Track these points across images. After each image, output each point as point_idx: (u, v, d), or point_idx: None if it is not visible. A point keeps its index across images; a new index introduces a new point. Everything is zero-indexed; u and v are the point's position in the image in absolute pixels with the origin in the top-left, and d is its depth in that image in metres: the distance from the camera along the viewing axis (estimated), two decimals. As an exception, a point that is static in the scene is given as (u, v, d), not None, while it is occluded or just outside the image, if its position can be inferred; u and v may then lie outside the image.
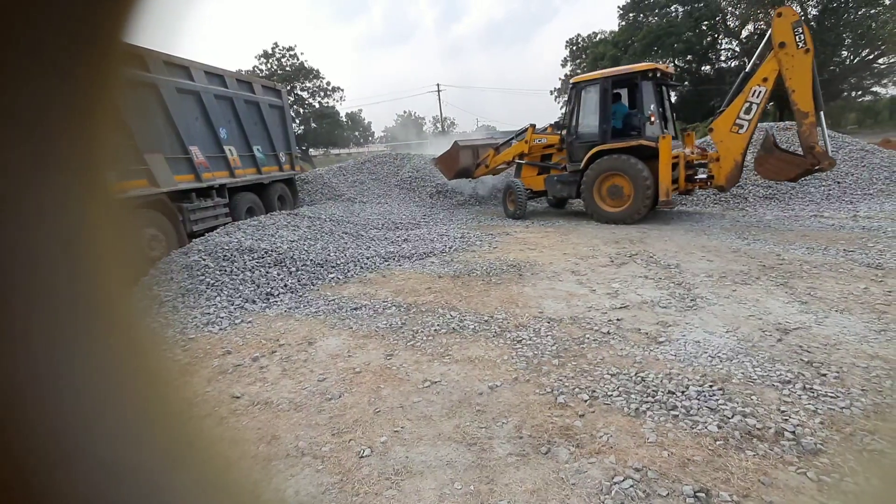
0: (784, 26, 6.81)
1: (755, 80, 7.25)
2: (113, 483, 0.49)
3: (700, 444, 2.33)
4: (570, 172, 9.25)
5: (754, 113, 7.26)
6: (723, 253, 6.01)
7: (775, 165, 7.40)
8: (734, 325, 3.75)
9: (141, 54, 6.46)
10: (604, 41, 34.22)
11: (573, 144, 9.11)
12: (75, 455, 0.47)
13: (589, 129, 8.94)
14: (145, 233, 6.25)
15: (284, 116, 10.80)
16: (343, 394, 3.08)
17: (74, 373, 0.48)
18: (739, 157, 7.60)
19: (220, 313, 4.65)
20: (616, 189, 8.40)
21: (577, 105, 9.02)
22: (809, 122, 6.91)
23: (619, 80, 8.53)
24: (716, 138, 7.75)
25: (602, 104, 8.50)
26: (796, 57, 6.81)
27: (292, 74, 38.89)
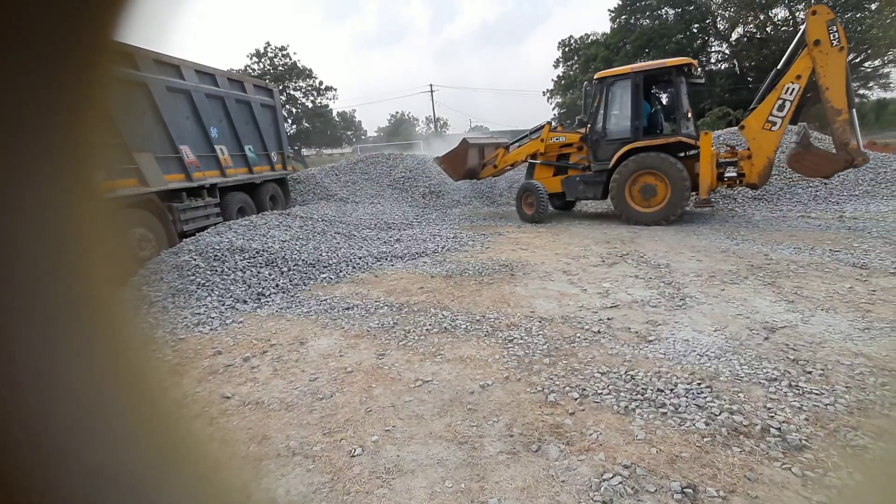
0: (819, 24, 6.76)
1: (788, 78, 7.15)
2: (101, 484, 0.49)
3: (688, 441, 2.36)
4: (595, 172, 8.77)
5: (787, 110, 7.21)
6: (712, 253, 6.08)
7: (812, 162, 7.30)
8: (722, 323, 3.80)
9: (131, 53, 6.40)
10: (596, 43, 34.42)
11: (599, 142, 8.65)
12: (62, 456, 0.46)
13: (618, 125, 8.50)
14: (135, 233, 6.19)
15: (276, 116, 10.74)
16: (334, 393, 3.08)
17: (62, 374, 0.47)
18: (772, 154, 7.51)
19: (210, 313, 4.62)
20: (649, 188, 8.01)
21: (603, 101, 8.51)
22: (843, 119, 6.89)
23: (650, 75, 8.19)
24: (748, 135, 7.59)
25: (633, 100, 8.10)
26: (830, 55, 6.77)
27: (285, 74, 38.69)
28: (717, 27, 30.53)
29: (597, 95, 8.65)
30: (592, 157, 8.82)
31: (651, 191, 8.04)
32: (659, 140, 8.01)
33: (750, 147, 7.64)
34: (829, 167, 7.30)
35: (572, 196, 9.36)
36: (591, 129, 8.77)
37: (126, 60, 5.59)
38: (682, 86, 8.03)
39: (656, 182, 7.98)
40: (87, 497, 0.47)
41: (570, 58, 36.56)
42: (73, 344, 0.49)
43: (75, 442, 0.48)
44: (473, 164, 10.08)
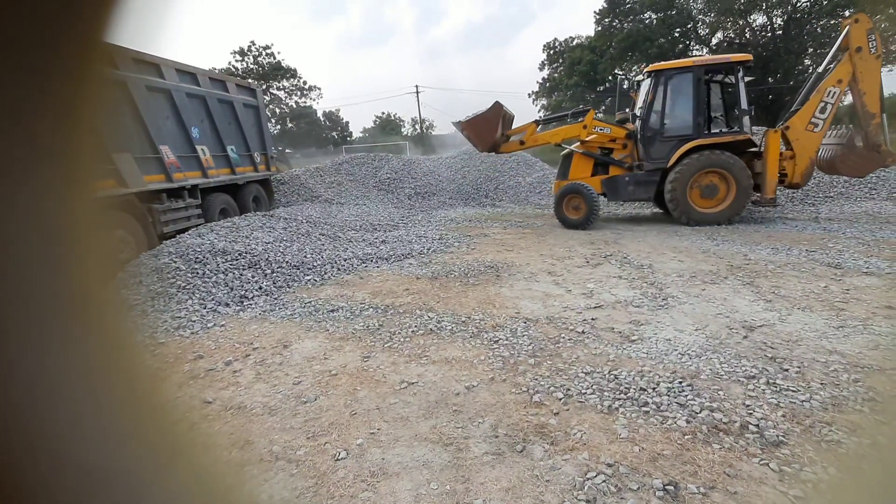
0: (860, 32, 7.04)
1: (830, 82, 7.36)
2: (95, 486, 0.48)
3: (669, 439, 2.39)
4: (647, 172, 8.26)
5: (829, 113, 7.42)
6: (693, 253, 6.19)
7: (856, 162, 7.56)
8: (703, 323, 3.87)
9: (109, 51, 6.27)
10: (580, 46, 34.81)
11: (654, 140, 8.20)
12: (55, 457, 0.46)
13: (677, 122, 8.14)
14: (113, 235, 6.04)
15: (260, 116, 10.61)
16: (319, 396, 3.05)
17: (54, 373, 0.47)
18: (814, 154, 7.67)
19: (191, 317, 4.53)
20: (711, 188, 7.78)
21: (659, 95, 8.08)
22: (876, 122, 7.25)
23: (712, 70, 7.94)
24: (792, 136, 7.68)
25: (696, 95, 7.81)
26: (869, 62, 7.08)
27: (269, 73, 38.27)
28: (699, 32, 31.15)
29: (650, 90, 8.18)
30: (644, 156, 8.32)
31: (713, 190, 7.81)
32: (726, 138, 7.80)
33: (793, 147, 7.71)
34: (870, 167, 7.65)
35: (617, 198, 8.70)
36: (643, 126, 8.27)
37: (108, 59, 5.48)
38: (741, 82, 7.77)
39: (719, 181, 7.78)
40: (80, 499, 0.47)
41: (555, 60, 36.90)
42: (66, 342, 0.49)
43: (68, 442, 0.47)
44: (499, 136, 8.79)
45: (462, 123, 8.70)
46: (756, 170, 7.77)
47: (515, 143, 9.11)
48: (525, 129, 9.08)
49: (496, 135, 8.50)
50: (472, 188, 13.30)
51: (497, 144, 8.85)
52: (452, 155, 15.18)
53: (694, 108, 7.91)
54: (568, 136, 8.86)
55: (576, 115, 8.95)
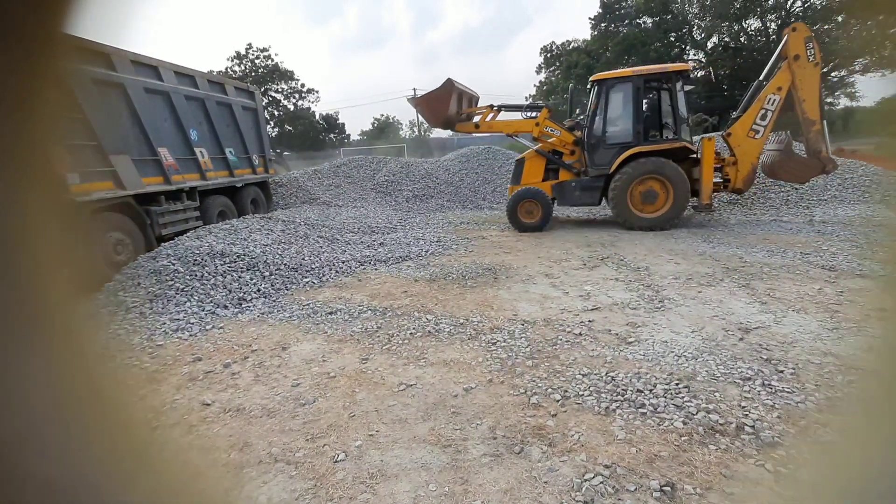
0: (798, 41, 7.23)
1: (770, 89, 7.54)
2: (56, 498, 0.46)
3: (666, 440, 2.41)
4: (592, 178, 8.46)
5: (769, 119, 7.60)
6: (689, 256, 6.23)
7: (794, 168, 7.78)
8: (699, 325, 3.90)
9: (107, 52, 6.27)
10: (577, 49, 34.97)
11: (598, 147, 8.41)
12: (9, 469, 0.44)
13: (618, 130, 8.37)
14: (111, 237, 6.03)
15: (258, 118, 10.62)
16: (317, 399, 3.06)
17: (12, 381, 0.45)
18: (756, 160, 7.87)
19: (190, 319, 4.53)
20: (651, 194, 7.98)
21: (602, 104, 8.31)
22: (816, 129, 7.39)
23: (650, 79, 8.17)
24: (734, 143, 7.89)
25: (635, 104, 8.05)
26: (807, 69, 7.26)
27: (267, 76, 38.27)
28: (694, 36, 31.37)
29: (594, 98, 8.43)
30: (589, 162, 8.55)
31: (653, 196, 8.01)
32: (663, 145, 8.01)
33: (735, 154, 7.92)
34: (809, 173, 7.81)
35: (566, 203, 8.93)
36: (588, 133, 8.51)
37: (91, 57, 5.41)
38: (679, 91, 8.02)
39: (658, 187, 7.98)
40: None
41: (552, 64, 37.04)
42: (24, 352, 0.47)
43: (26, 455, 0.45)
44: (453, 113, 8.79)
45: (416, 100, 8.89)
46: (694, 176, 7.98)
47: (471, 125, 9.20)
48: (482, 113, 9.18)
49: (448, 111, 8.55)
50: (470, 191, 13.33)
51: (452, 121, 8.86)
52: (450, 158, 15.21)
53: (633, 117, 8.13)
54: (520, 129, 8.99)
55: (531, 108, 9.02)
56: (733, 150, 7.96)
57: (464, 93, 9.08)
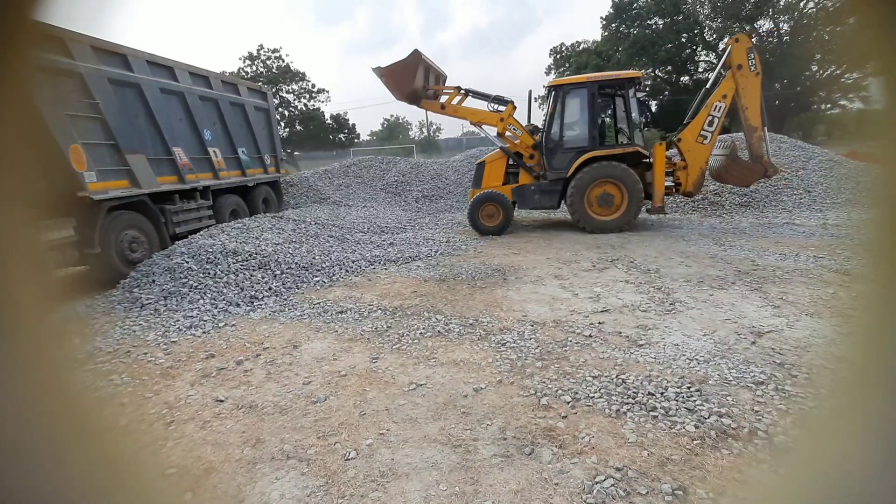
0: (741, 51, 7.63)
1: (716, 97, 7.93)
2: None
3: (678, 444, 2.41)
4: (550, 181, 8.64)
5: (716, 125, 7.98)
6: (700, 258, 6.18)
7: (739, 172, 8.14)
8: (711, 328, 3.87)
9: (124, 53, 6.37)
10: (587, 50, 34.82)
11: (555, 151, 8.61)
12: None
13: (575, 134, 8.64)
14: (127, 234, 6.13)
15: (270, 119, 10.71)
16: (328, 397, 3.09)
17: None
18: (704, 165, 8.20)
19: (203, 316, 4.59)
20: (607, 197, 8.20)
21: (558, 109, 8.55)
22: (758, 135, 7.81)
23: (604, 86, 8.44)
24: (684, 148, 8.20)
25: (590, 109, 8.30)
26: (749, 78, 7.65)
27: (278, 76, 38.57)
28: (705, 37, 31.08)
29: (552, 103, 8.62)
30: (548, 166, 8.67)
31: (609, 199, 8.24)
32: (617, 150, 8.26)
33: (685, 158, 8.24)
34: (752, 177, 8.21)
35: (526, 206, 9.05)
36: (546, 137, 8.65)
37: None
38: (632, 98, 8.31)
39: (613, 191, 8.21)
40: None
41: (562, 65, 36.92)
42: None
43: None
44: (419, 87, 8.58)
45: (381, 69, 8.63)
46: (647, 180, 8.22)
47: (437, 105, 9.08)
48: (449, 93, 9.08)
49: (414, 84, 8.40)
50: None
51: (417, 96, 8.74)
52: (459, 159, 15.22)
53: (589, 122, 8.36)
54: (485, 120, 8.95)
55: (497, 100, 8.91)
56: (683, 155, 8.25)
57: (431, 67, 8.95)
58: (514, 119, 8.85)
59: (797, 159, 11.18)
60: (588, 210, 8.27)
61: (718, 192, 10.43)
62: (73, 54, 5.55)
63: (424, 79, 8.69)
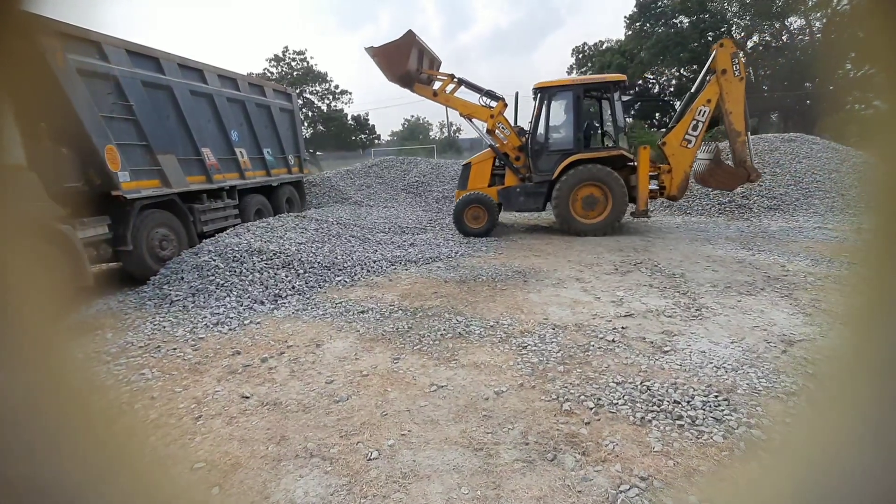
0: (725, 56, 7.68)
1: (700, 101, 7.97)
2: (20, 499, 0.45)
3: (705, 455, 2.35)
4: (536, 183, 8.57)
5: (700, 129, 8.01)
6: (727, 263, 6.03)
7: (723, 177, 8.18)
8: (739, 335, 3.77)
9: (156, 56, 6.57)
10: (610, 50, 34.33)
11: (541, 153, 8.56)
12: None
13: (560, 137, 8.68)
14: (157, 233, 6.32)
15: (294, 120, 10.89)
16: (351, 396, 3.12)
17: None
18: (689, 168, 8.24)
19: (229, 314, 4.70)
20: (592, 200, 8.19)
21: (543, 112, 8.51)
22: (741, 140, 7.84)
23: (589, 89, 8.46)
24: (668, 151, 8.24)
25: (576, 112, 8.31)
26: (733, 83, 7.69)
27: (302, 78, 39.15)
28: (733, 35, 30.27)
29: (537, 106, 8.56)
30: (534, 168, 8.64)
31: (593, 202, 8.22)
32: (602, 153, 8.25)
33: (670, 162, 8.26)
34: (736, 182, 8.25)
35: (511, 208, 8.98)
36: (532, 139, 8.61)
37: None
38: (617, 101, 8.31)
39: (598, 194, 8.19)
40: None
41: (584, 64, 36.48)
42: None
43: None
44: (412, 69, 8.39)
45: (374, 49, 8.50)
46: (632, 183, 8.21)
47: (429, 91, 8.92)
48: (442, 80, 8.93)
49: (407, 66, 8.24)
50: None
51: (410, 78, 8.56)
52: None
53: (574, 124, 8.35)
54: (475, 114, 8.88)
55: (490, 94, 8.82)
56: (668, 158, 8.28)
57: (425, 51, 8.78)
58: (504, 118, 8.79)
59: (830, 161, 10.82)
60: (572, 212, 8.28)
61: (746, 195, 10.17)
62: (109, 58, 5.76)
63: (418, 62, 8.53)
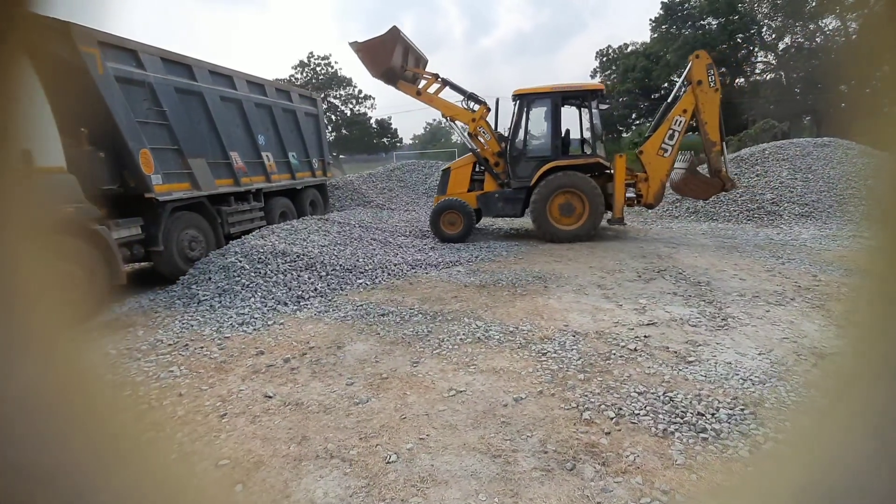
0: (701, 67, 7.82)
1: (676, 111, 8.11)
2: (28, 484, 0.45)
3: (730, 470, 2.29)
4: (514, 189, 8.61)
5: (676, 139, 8.15)
6: (756, 272, 5.86)
7: (698, 186, 8.38)
8: (767, 347, 3.66)
9: (189, 64, 6.80)
10: (635, 52, 33.86)
11: (519, 160, 8.63)
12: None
13: (538, 144, 8.77)
14: (187, 234, 6.52)
15: (319, 124, 11.09)
16: (370, 398, 3.16)
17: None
18: (665, 177, 8.37)
19: (254, 314, 4.81)
20: (568, 206, 8.23)
21: (523, 119, 8.58)
22: (717, 150, 8.01)
23: (567, 97, 8.48)
24: (645, 160, 8.36)
25: (553, 119, 8.36)
26: (709, 94, 7.86)
27: (326, 83, 39.90)
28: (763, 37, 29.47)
29: (516, 112, 8.60)
30: (512, 174, 8.68)
31: (570, 209, 8.25)
32: (579, 160, 8.33)
33: (647, 170, 8.36)
34: (710, 191, 8.42)
35: (490, 213, 9.00)
36: (510, 146, 8.66)
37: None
38: (594, 109, 8.41)
39: (575, 201, 8.21)
40: (12, 497, 0.44)
41: (608, 68, 36.08)
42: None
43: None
44: (396, 65, 8.43)
45: (358, 44, 8.54)
46: (609, 191, 8.30)
47: (413, 89, 8.93)
48: (427, 79, 8.98)
49: (391, 62, 8.26)
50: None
51: (394, 74, 8.58)
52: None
53: (552, 131, 8.42)
54: (458, 116, 8.93)
55: (473, 97, 8.86)
56: (645, 167, 8.38)
57: (411, 48, 8.83)
58: (486, 122, 8.81)
59: (866, 167, 10.39)
60: (550, 219, 8.29)
61: (776, 202, 9.87)
62: (145, 65, 5.99)
63: (403, 59, 8.57)
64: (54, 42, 4.85)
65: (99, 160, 5.34)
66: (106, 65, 5.35)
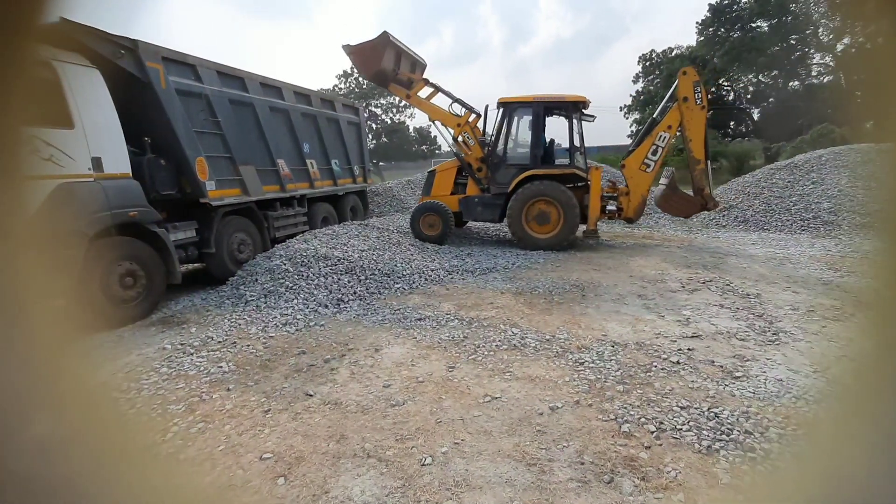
0: (687, 84, 7.83)
1: (661, 127, 8.15)
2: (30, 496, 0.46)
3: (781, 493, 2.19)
4: (494, 195, 8.71)
5: (660, 155, 8.13)
6: (811, 285, 5.54)
7: (678, 203, 8.46)
8: (823, 364, 3.46)
9: (242, 77, 7.18)
10: (680, 56, 32.80)
11: (500, 166, 8.72)
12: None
13: (518, 152, 8.83)
14: (236, 237, 6.87)
15: (360, 133, 11.39)
16: (406, 401, 3.21)
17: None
18: (646, 192, 8.39)
19: (296, 315, 5.00)
20: (543, 215, 8.26)
21: (505, 126, 8.66)
22: (700, 168, 8.05)
23: (550, 107, 8.48)
24: (627, 174, 8.39)
25: (535, 129, 8.39)
26: (694, 111, 7.84)
27: (368, 92, 40.94)
28: (820, 38, 27.86)
29: (499, 119, 8.67)
30: (492, 180, 8.77)
31: (545, 217, 8.28)
32: (555, 170, 8.40)
33: (628, 185, 8.40)
34: (691, 209, 8.47)
35: (470, 217, 9.19)
36: (491, 152, 8.77)
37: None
38: (575, 121, 8.42)
39: (550, 209, 8.23)
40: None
41: (651, 72, 35.11)
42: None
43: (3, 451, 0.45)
44: (387, 68, 8.72)
45: (350, 47, 8.85)
46: (585, 202, 8.30)
47: (403, 92, 9.23)
48: (415, 83, 9.22)
49: (381, 64, 8.56)
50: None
51: (385, 77, 8.90)
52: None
53: (532, 140, 8.43)
54: (444, 120, 9.13)
55: (460, 103, 9.02)
56: (627, 181, 8.40)
57: (404, 52, 9.04)
58: (470, 128, 9.00)
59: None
60: (525, 226, 8.35)
61: (834, 211, 9.29)
62: (203, 78, 6.38)
63: (395, 63, 8.86)
64: (125, 59, 5.25)
65: (160, 167, 5.72)
66: (168, 79, 5.73)
